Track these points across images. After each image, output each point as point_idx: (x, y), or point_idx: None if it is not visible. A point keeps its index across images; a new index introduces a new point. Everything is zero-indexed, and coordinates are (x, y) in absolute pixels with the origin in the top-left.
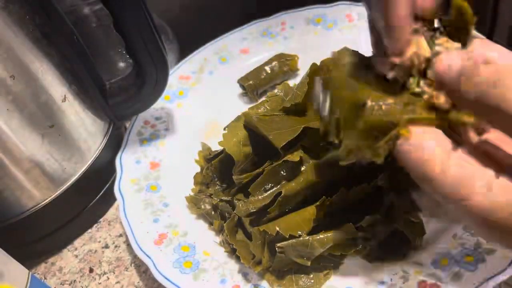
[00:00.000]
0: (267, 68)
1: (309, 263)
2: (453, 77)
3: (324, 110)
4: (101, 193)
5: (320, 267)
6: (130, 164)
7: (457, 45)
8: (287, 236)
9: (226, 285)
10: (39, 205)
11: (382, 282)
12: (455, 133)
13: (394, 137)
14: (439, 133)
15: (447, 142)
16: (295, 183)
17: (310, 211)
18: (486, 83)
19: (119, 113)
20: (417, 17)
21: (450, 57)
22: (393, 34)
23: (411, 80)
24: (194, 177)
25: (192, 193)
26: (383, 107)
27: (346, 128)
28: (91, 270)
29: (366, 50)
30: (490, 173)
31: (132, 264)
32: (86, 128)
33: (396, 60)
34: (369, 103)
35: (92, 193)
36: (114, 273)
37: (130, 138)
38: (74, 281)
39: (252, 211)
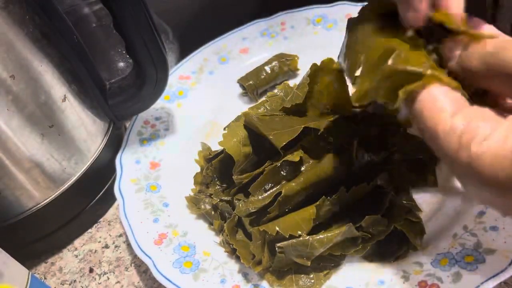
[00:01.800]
0: (267, 68)
1: (309, 263)
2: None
3: (351, 51)
4: (101, 193)
5: (320, 267)
6: (130, 164)
7: None
8: (287, 236)
9: (226, 285)
10: (39, 205)
11: (382, 282)
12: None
13: (418, 86)
14: (455, 92)
15: (461, 99)
16: (295, 183)
17: (310, 211)
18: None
19: (119, 113)
20: None
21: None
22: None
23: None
24: (194, 177)
25: (192, 193)
26: (412, 56)
27: (370, 70)
28: (91, 270)
29: None
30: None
31: (132, 264)
32: (86, 128)
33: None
34: (397, 51)
35: (92, 193)
36: (114, 273)
37: (130, 138)
38: (74, 281)
39: (252, 211)
